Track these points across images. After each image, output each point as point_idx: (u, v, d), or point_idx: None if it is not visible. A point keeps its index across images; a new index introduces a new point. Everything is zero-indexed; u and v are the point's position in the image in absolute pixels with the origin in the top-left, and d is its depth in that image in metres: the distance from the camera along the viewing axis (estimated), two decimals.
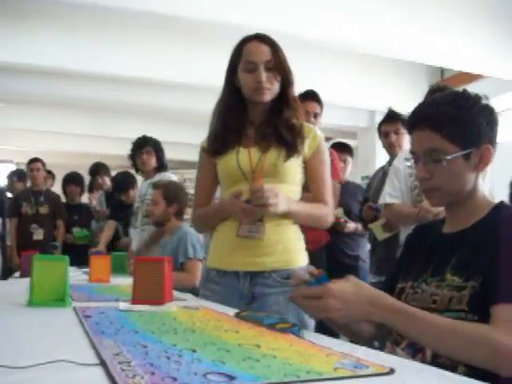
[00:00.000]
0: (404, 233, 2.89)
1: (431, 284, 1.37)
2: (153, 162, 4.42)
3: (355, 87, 6.45)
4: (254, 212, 1.85)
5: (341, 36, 4.86)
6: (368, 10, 4.79)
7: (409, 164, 2.74)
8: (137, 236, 4.36)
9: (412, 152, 1.45)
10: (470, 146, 1.36)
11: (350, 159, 4.65)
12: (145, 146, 4.41)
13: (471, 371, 1.11)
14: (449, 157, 1.35)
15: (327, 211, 2.04)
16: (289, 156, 1.95)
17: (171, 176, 4.42)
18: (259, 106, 2.00)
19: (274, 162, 1.94)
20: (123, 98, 6.94)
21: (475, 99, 1.40)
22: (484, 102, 1.41)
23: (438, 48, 5.16)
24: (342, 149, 4.62)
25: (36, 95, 6.93)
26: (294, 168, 1.98)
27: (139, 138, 4.55)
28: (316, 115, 3.60)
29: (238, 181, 1.98)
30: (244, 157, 1.98)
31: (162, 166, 4.48)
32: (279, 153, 1.95)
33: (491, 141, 1.39)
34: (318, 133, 2.05)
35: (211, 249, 2.10)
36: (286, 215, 1.92)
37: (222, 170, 2.04)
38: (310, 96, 3.59)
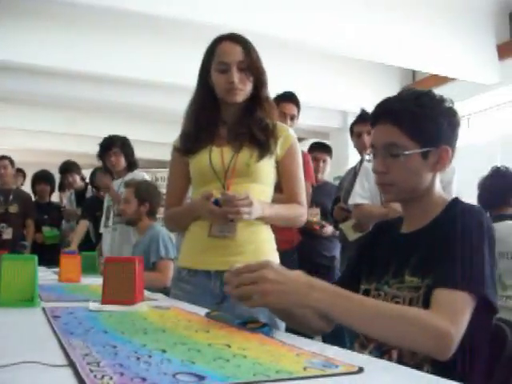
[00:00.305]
0: None
1: (393, 286, 1.37)
2: (122, 162, 4.35)
3: (328, 88, 6.48)
4: (224, 215, 1.85)
5: (314, 37, 4.87)
6: (341, 12, 4.82)
7: (368, 158, 2.77)
8: (108, 235, 4.31)
9: (372, 145, 1.45)
10: (428, 145, 1.37)
11: (328, 159, 4.63)
12: (111, 148, 4.32)
13: (436, 371, 1.13)
14: (406, 152, 1.35)
15: (301, 211, 2.05)
16: (261, 156, 1.96)
17: (144, 175, 4.36)
18: (232, 105, 2.00)
19: (246, 161, 1.94)
20: (95, 96, 6.85)
21: (439, 100, 1.40)
22: (448, 104, 1.41)
23: (410, 50, 5.22)
24: (321, 149, 4.62)
25: (4, 92, 6.82)
26: (266, 168, 1.99)
27: (105, 139, 4.44)
28: (293, 117, 3.57)
29: (210, 180, 1.98)
30: (216, 156, 1.97)
31: (132, 164, 4.41)
32: (252, 153, 1.95)
33: (451, 143, 1.40)
34: (290, 133, 2.06)
35: (183, 248, 2.09)
36: (258, 218, 1.93)
37: (194, 170, 2.03)
38: (288, 98, 3.56)
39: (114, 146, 4.33)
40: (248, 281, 1.20)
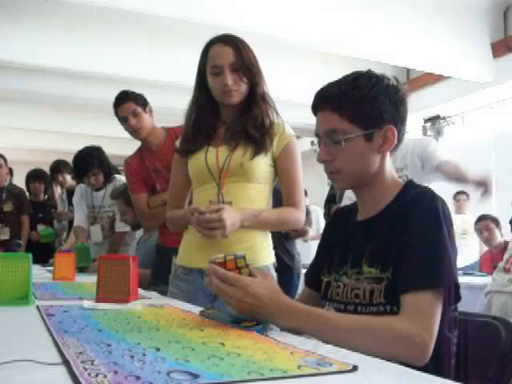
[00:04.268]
0: None
1: (351, 277, 1.35)
2: (101, 178, 4.16)
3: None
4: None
5: (309, 36, 4.87)
6: (334, 10, 4.82)
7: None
8: (100, 250, 4.11)
9: (316, 134, 1.42)
10: (371, 127, 1.33)
11: None
12: (90, 170, 4.09)
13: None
14: (347, 137, 1.32)
15: (296, 215, 2.01)
16: (255, 154, 1.95)
17: (122, 178, 4.18)
18: (230, 106, 2.01)
19: (240, 160, 1.94)
20: (90, 95, 6.84)
21: (378, 79, 1.36)
22: (387, 82, 1.36)
23: (404, 49, 5.22)
24: None
25: None
26: (261, 166, 1.98)
27: (80, 162, 4.12)
28: None
29: (205, 180, 1.98)
30: (212, 156, 1.98)
31: (110, 175, 4.24)
32: (245, 151, 1.95)
33: (395, 121, 1.35)
34: (287, 131, 2.03)
35: (180, 247, 2.10)
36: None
37: (192, 170, 2.04)
38: None
39: (92, 168, 4.10)
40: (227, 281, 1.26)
